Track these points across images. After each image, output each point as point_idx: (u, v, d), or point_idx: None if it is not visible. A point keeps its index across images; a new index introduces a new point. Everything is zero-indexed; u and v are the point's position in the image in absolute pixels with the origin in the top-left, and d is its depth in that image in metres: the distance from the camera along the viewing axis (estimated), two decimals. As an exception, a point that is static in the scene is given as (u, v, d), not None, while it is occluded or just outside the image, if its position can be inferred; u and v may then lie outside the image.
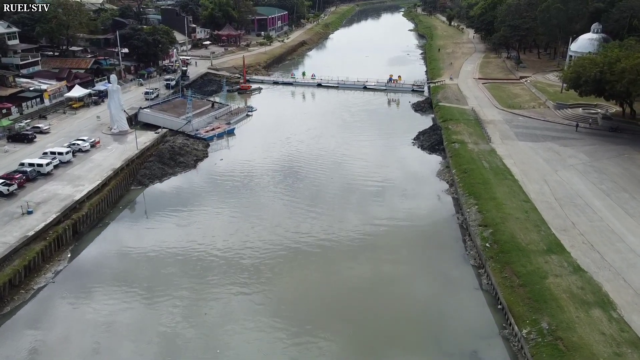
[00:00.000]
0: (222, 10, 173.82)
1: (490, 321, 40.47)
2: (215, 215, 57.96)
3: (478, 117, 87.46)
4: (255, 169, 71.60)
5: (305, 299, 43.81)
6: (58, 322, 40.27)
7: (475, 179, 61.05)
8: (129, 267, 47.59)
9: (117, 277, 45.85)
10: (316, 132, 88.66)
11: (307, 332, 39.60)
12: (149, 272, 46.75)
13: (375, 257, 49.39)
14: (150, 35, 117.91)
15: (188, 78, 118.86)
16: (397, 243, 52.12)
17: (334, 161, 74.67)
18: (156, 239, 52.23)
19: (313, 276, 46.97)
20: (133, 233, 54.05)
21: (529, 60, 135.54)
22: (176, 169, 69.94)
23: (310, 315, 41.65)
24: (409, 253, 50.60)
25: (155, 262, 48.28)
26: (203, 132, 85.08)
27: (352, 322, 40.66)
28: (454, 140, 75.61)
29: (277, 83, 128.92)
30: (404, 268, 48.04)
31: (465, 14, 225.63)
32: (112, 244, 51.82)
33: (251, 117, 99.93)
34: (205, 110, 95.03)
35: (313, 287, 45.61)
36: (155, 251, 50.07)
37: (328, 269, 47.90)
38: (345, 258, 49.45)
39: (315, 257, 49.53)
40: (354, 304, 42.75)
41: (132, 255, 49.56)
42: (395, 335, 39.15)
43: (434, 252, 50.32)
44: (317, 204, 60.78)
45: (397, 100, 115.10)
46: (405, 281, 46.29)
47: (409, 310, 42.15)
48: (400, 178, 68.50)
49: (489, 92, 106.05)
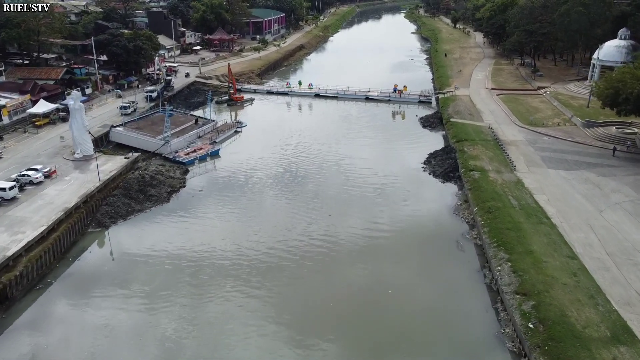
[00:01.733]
0: (214, 12, 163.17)
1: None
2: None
3: (497, 137, 76.69)
4: (240, 200, 60.89)
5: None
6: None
7: (502, 222, 50.25)
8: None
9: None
10: (312, 154, 77.86)
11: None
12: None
13: (385, 324, 38.80)
14: (131, 41, 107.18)
15: (172, 89, 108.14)
16: (408, 312, 41.32)
17: (334, 194, 63.97)
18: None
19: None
20: (80, 295, 43.49)
21: (544, 67, 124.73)
22: (145, 204, 59.10)
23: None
24: (426, 330, 39.77)
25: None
26: (182, 155, 74.23)
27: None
28: (471, 168, 64.83)
29: (271, 93, 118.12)
30: (419, 351, 37.37)
31: (471, 16, 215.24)
32: (50, 314, 41.50)
33: (240, 133, 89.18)
34: (187, 127, 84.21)
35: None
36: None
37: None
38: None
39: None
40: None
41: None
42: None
43: (457, 328, 39.42)
44: (310, 260, 50.19)
45: (402, 112, 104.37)
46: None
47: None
48: (410, 216, 57.74)
49: (505, 105, 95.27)
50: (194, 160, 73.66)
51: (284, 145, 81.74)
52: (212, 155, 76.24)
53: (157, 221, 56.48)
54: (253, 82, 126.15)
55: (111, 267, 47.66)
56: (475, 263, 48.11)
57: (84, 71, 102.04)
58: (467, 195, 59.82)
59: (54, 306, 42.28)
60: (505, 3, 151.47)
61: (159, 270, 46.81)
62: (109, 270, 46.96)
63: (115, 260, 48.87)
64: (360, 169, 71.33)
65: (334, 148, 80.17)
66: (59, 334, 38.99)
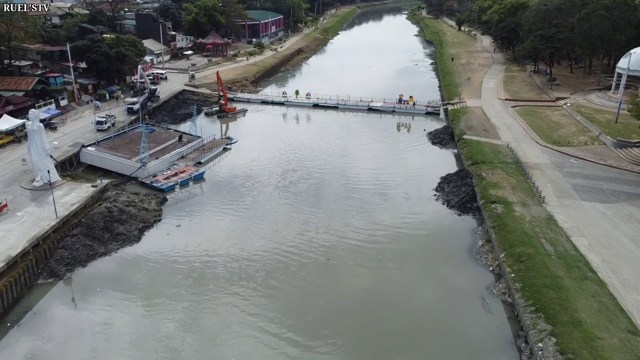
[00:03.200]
0: (207, 15, 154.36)
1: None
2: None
3: (517, 159, 67.78)
4: (221, 244, 52.01)
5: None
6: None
7: (538, 276, 41.32)
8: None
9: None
10: (310, 178, 69.02)
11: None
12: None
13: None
14: (112, 47, 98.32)
15: (158, 99, 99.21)
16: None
17: (334, 241, 55.16)
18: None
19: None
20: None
21: (559, 75, 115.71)
22: (111, 245, 50.10)
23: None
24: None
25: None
26: (161, 180, 65.31)
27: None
28: (493, 199, 55.90)
29: (266, 102, 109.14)
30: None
31: (477, 19, 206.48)
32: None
33: (230, 151, 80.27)
34: (169, 146, 75.32)
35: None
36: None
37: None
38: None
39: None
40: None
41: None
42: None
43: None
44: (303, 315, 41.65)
45: (408, 125, 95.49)
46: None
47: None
48: (422, 260, 48.85)
49: (523, 119, 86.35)
50: (173, 185, 64.70)
51: (276, 165, 72.83)
52: (195, 179, 67.28)
53: (124, 266, 47.72)
54: (247, 91, 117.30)
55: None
56: (507, 330, 39.12)
57: (60, 80, 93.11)
58: (490, 234, 50.86)
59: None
60: (516, 5, 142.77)
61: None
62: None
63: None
64: (365, 199, 62.41)
65: (334, 173, 71.30)
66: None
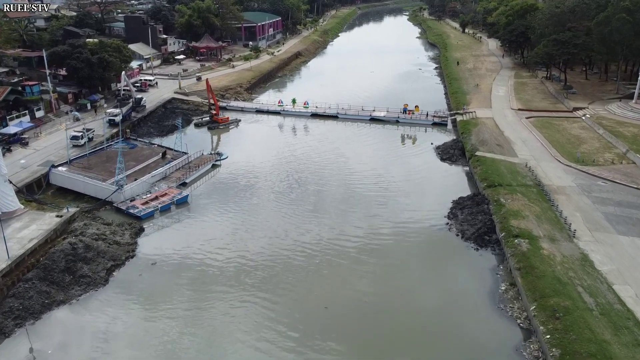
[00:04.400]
0: (201, 17, 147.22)
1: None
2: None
3: (538, 181, 60.61)
4: (203, 290, 44.94)
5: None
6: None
7: (580, 340, 34.09)
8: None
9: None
10: (307, 201, 61.90)
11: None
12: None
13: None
14: (95, 52, 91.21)
15: (144, 109, 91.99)
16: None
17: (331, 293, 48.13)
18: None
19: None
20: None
21: (573, 81, 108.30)
22: (72, 291, 42.84)
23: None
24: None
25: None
26: (139, 205, 58.12)
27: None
28: (515, 232, 48.68)
29: (261, 112, 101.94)
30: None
31: (482, 21, 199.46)
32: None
33: (219, 167, 73.10)
34: (151, 164, 68.18)
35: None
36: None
37: None
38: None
39: None
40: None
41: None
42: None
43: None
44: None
45: (413, 137, 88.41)
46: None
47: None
48: (437, 309, 41.67)
49: (539, 132, 79.12)
50: (153, 212, 57.48)
51: (269, 187, 65.66)
52: (178, 203, 60.10)
53: (85, 317, 40.60)
54: (241, 98, 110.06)
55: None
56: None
57: (36, 89, 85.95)
58: (515, 277, 43.63)
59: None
60: (525, 7, 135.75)
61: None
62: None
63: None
64: (371, 230, 55.25)
65: (332, 197, 64.15)
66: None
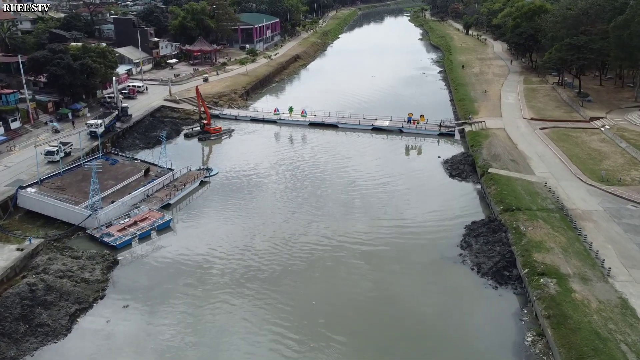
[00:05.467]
0: (195, 19, 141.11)
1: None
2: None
3: (561, 204, 54.45)
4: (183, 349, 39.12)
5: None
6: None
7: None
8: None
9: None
10: (305, 227, 55.82)
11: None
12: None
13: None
14: (77, 58, 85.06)
15: (130, 118, 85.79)
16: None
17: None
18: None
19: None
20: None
21: (587, 87, 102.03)
22: (27, 344, 36.54)
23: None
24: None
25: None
26: (115, 232, 51.96)
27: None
28: (540, 269, 42.51)
29: (256, 120, 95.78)
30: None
31: (487, 22, 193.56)
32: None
33: (208, 185, 67.03)
34: (132, 182, 62.05)
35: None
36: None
37: None
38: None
39: None
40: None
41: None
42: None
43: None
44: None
45: (418, 148, 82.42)
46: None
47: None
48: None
49: (556, 145, 72.96)
50: (130, 240, 51.29)
51: (263, 208, 59.54)
52: (159, 229, 53.93)
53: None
54: (235, 105, 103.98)
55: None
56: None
57: (14, 97, 79.65)
58: (544, 327, 37.48)
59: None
60: (533, 9, 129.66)
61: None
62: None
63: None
64: (374, 261, 49.12)
65: (330, 220, 58.05)
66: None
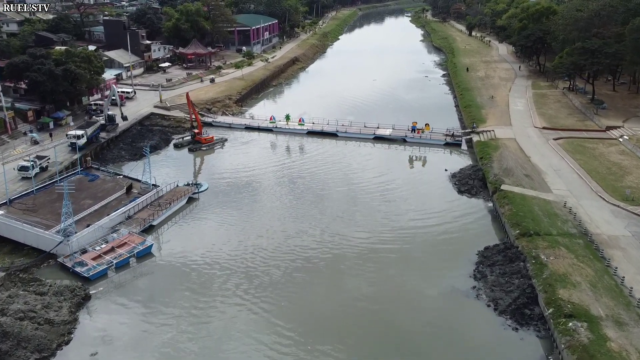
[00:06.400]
0: (190, 20, 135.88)
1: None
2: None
3: (584, 227, 49.17)
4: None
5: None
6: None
7: None
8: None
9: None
10: (301, 255, 50.60)
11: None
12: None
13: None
14: (60, 63, 79.95)
15: (116, 128, 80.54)
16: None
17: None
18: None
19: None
20: None
21: (599, 93, 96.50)
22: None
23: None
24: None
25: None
26: (90, 261, 46.67)
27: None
28: (567, 310, 37.22)
29: (251, 129, 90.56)
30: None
31: (491, 24, 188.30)
32: None
33: (196, 202, 61.84)
34: (112, 201, 56.81)
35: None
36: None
37: None
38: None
39: None
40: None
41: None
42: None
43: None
44: None
45: (422, 159, 77.36)
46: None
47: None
48: None
49: (572, 158, 67.72)
50: (105, 270, 46.04)
51: (254, 229, 54.30)
52: (139, 256, 48.66)
53: None
54: (230, 112, 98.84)
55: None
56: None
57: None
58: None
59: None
60: (540, 10, 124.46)
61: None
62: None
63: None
64: (376, 299, 43.94)
65: (328, 246, 52.81)
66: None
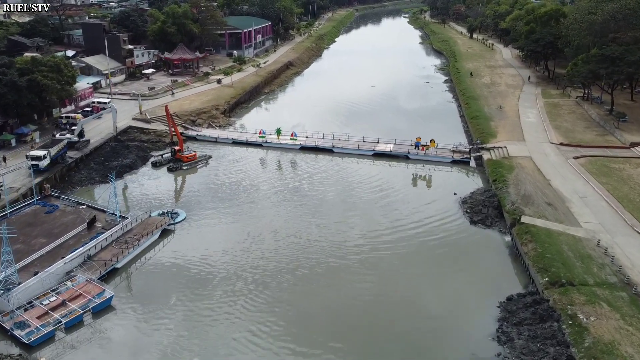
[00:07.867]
0: (177, 23, 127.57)
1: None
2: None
3: (625, 275, 41.40)
4: None
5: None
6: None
7: None
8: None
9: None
10: (286, 302, 42.94)
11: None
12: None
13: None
14: (25, 73, 71.80)
15: (87, 144, 72.39)
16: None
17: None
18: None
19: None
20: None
21: (616, 103, 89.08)
22: None
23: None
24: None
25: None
26: (34, 320, 38.55)
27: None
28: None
29: (238, 143, 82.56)
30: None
31: (493, 26, 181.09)
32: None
33: (172, 235, 53.80)
34: (70, 239, 48.64)
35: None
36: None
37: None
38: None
39: None
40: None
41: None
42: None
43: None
44: None
45: (427, 179, 69.65)
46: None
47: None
48: None
49: (598, 181, 59.95)
50: (52, 333, 37.95)
51: (235, 275, 46.37)
52: (95, 311, 40.61)
53: None
54: (216, 124, 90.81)
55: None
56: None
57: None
58: None
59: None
60: (549, 13, 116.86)
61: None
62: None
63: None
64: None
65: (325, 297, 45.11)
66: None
